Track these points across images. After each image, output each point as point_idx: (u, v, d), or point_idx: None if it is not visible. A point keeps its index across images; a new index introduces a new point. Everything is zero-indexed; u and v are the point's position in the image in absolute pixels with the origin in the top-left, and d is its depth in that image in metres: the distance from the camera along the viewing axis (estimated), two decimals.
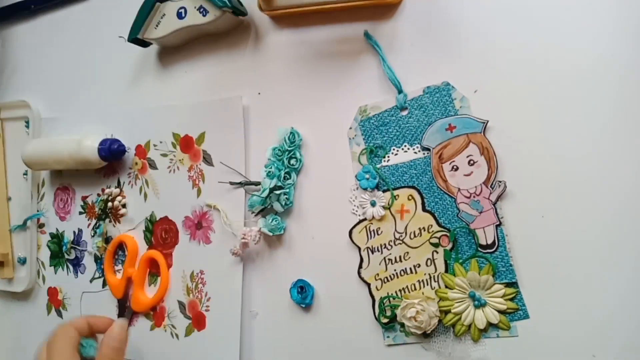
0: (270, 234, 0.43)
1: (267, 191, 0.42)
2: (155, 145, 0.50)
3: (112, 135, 0.53)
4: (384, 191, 0.40)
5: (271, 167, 0.43)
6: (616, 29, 0.34)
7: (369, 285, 0.40)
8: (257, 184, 0.44)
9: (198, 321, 0.46)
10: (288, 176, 0.43)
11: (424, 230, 0.39)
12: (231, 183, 0.45)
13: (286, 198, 0.43)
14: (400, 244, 0.39)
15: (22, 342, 0.58)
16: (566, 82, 0.35)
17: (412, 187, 0.39)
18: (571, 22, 0.35)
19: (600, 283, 0.33)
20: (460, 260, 0.37)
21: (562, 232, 0.35)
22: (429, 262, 0.38)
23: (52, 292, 0.56)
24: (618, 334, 0.33)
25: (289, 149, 0.43)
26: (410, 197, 0.39)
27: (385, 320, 0.39)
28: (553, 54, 0.36)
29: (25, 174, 0.58)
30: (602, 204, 0.34)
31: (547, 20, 0.36)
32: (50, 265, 0.57)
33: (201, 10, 0.44)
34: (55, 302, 0.56)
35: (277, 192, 0.42)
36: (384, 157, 0.40)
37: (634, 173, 0.33)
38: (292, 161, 0.43)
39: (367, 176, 0.40)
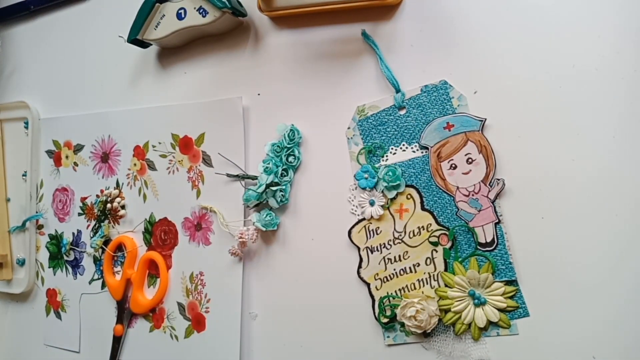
0: (264, 229, 0.43)
1: (263, 187, 0.42)
2: (154, 146, 0.50)
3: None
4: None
5: (269, 163, 0.43)
6: (618, 28, 0.34)
7: (368, 285, 0.40)
8: (255, 178, 0.44)
9: (198, 323, 0.46)
10: (285, 173, 0.43)
11: (423, 229, 0.39)
12: (228, 175, 0.45)
13: (282, 195, 0.43)
14: (399, 243, 0.39)
15: (20, 343, 0.58)
16: (566, 81, 0.35)
17: (411, 186, 0.39)
18: (572, 21, 0.36)
19: (601, 281, 0.33)
20: (460, 259, 0.37)
21: (561, 229, 0.35)
22: (428, 261, 0.38)
23: (51, 294, 0.56)
24: (618, 334, 0.33)
25: (288, 146, 0.43)
26: (409, 196, 0.39)
27: (385, 320, 0.39)
28: (553, 53, 0.36)
29: (24, 175, 0.58)
30: (601, 200, 0.34)
31: (547, 19, 0.36)
32: (49, 267, 0.56)
33: (201, 11, 0.44)
34: (54, 303, 0.55)
35: (274, 188, 0.43)
36: (383, 156, 0.40)
37: (633, 171, 0.33)
38: (290, 158, 0.43)
39: (365, 175, 0.40)
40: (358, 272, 0.41)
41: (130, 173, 0.52)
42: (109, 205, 0.52)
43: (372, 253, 0.40)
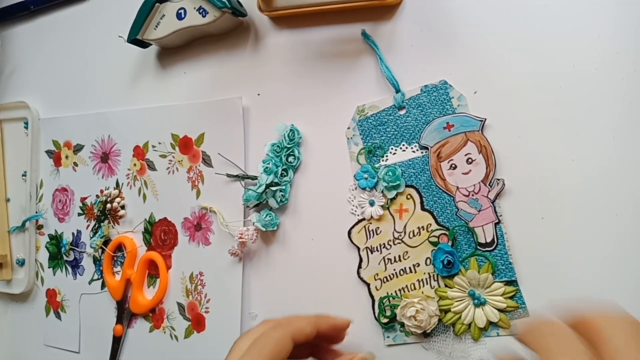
0: (263, 229, 0.43)
1: (263, 187, 0.42)
2: (154, 146, 0.50)
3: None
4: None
5: (269, 163, 0.43)
6: (618, 28, 0.34)
7: (368, 285, 0.40)
8: (255, 178, 0.44)
9: (198, 323, 0.46)
10: (285, 173, 0.43)
11: (423, 229, 0.39)
12: (228, 175, 0.45)
13: (282, 195, 0.43)
14: (399, 243, 0.39)
15: (20, 344, 0.58)
16: (566, 80, 0.35)
17: (411, 186, 0.39)
18: (572, 20, 0.35)
19: (601, 281, 0.33)
20: (460, 259, 0.37)
21: (561, 229, 0.35)
22: (428, 261, 0.38)
23: (51, 294, 0.56)
24: None
25: (288, 146, 0.43)
26: (409, 196, 0.39)
27: (385, 320, 0.39)
28: (552, 52, 0.36)
29: (24, 175, 0.58)
30: (601, 200, 0.34)
31: (547, 19, 0.36)
32: (49, 267, 0.56)
33: (201, 11, 0.44)
34: (54, 303, 0.55)
35: (273, 188, 0.43)
36: (383, 156, 0.40)
37: (633, 171, 0.33)
38: (290, 159, 0.43)
39: (365, 176, 0.40)
40: (358, 272, 0.41)
41: (130, 173, 0.52)
42: (108, 205, 0.52)
43: (372, 253, 0.40)
